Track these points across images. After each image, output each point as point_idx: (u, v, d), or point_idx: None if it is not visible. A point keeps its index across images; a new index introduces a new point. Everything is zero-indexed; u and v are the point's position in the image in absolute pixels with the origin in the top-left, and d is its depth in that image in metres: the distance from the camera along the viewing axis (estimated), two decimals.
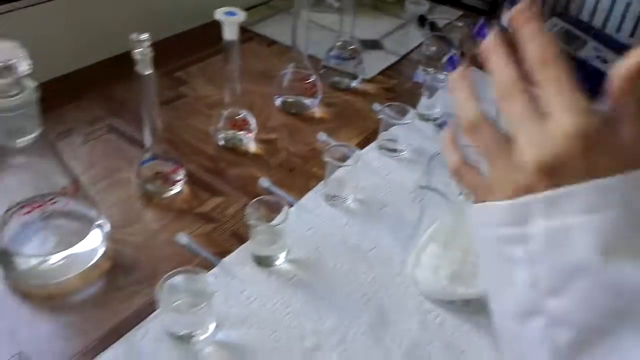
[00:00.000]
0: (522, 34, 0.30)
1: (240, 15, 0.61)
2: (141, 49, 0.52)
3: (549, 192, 0.29)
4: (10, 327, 0.48)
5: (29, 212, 0.48)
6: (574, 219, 0.29)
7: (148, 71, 0.54)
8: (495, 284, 0.34)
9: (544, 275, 0.30)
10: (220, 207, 0.63)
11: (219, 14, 0.61)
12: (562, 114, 0.29)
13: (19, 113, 0.43)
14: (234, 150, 0.72)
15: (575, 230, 0.29)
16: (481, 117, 0.33)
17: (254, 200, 0.54)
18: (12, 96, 0.43)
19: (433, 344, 0.51)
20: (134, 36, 0.51)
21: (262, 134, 0.75)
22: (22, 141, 0.45)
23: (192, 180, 0.66)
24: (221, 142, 0.72)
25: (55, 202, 0.49)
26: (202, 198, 0.64)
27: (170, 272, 0.46)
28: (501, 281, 0.33)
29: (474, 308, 0.53)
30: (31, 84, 0.44)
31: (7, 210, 0.50)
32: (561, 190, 0.29)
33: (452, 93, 0.35)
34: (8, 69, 0.42)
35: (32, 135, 0.45)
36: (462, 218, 0.48)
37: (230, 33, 0.63)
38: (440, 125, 0.43)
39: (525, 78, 0.30)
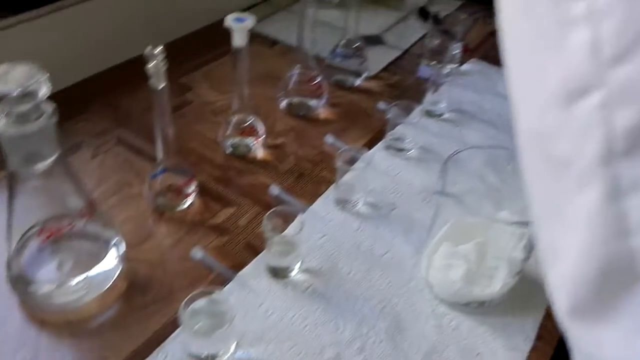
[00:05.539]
0: None
1: (250, 21, 0.61)
2: (155, 62, 0.51)
3: None
4: (31, 355, 0.48)
5: (47, 237, 0.48)
6: None
7: (162, 85, 0.53)
8: (533, 69, 0.26)
9: (610, 35, 0.24)
10: (233, 218, 0.63)
11: (229, 21, 0.60)
12: None
13: (38, 138, 0.42)
14: (242, 157, 0.72)
15: None
16: None
17: (269, 212, 0.55)
18: (31, 121, 0.42)
19: (449, 348, 0.52)
20: (147, 50, 0.50)
21: (269, 139, 0.75)
22: (41, 166, 0.45)
23: (202, 191, 0.66)
24: (229, 150, 0.72)
25: (73, 227, 0.49)
26: (214, 209, 0.64)
27: (191, 295, 0.46)
28: (546, 55, 0.26)
29: (488, 309, 0.54)
30: (49, 107, 0.43)
31: (23, 235, 0.50)
32: None
33: None
34: (28, 95, 0.40)
35: (50, 160, 0.45)
36: (477, 220, 0.49)
37: (240, 39, 0.62)
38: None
39: None
